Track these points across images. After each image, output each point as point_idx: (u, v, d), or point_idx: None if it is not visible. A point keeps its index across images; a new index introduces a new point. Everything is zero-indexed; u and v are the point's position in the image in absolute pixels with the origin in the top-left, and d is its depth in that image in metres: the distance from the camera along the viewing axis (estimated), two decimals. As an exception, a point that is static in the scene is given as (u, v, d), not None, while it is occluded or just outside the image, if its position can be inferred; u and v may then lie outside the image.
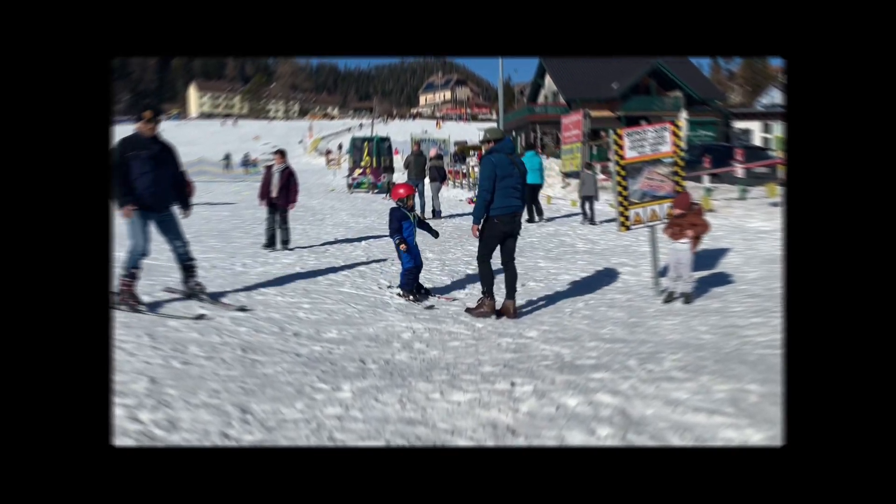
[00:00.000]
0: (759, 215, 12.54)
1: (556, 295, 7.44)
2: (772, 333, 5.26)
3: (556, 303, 7.01)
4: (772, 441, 2.96)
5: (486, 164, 6.22)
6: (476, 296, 7.36)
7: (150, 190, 5.94)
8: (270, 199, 10.68)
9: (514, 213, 6.28)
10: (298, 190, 10.96)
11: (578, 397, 3.58)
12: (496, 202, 6.18)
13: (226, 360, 4.61)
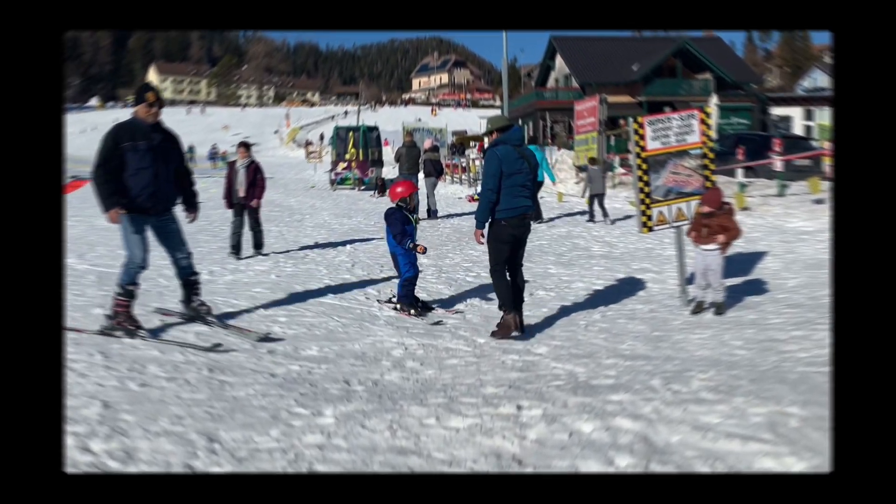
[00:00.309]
0: (801, 214, 12.58)
1: (569, 305, 7.45)
2: (815, 348, 5.28)
3: (569, 314, 7.02)
4: (816, 471, 2.96)
5: (491, 159, 6.07)
6: (479, 307, 7.37)
7: (150, 189, 5.61)
8: (237, 199, 10.63)
9: (523, 215, 6.13)
10: (265, 186, 10.98)
11: (594, 422, 3.58)
12: (503, 202, 6.01)
13: (190, 382, 4.60)
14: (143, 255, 5.71)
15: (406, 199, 7.15)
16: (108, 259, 10.21)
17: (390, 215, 7.13)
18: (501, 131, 6.20)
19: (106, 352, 5.24)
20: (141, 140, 5.55)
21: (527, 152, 6.23)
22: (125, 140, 5.49)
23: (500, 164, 6.00)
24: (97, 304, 6.95)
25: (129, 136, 5.52)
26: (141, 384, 4.51)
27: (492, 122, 6.37)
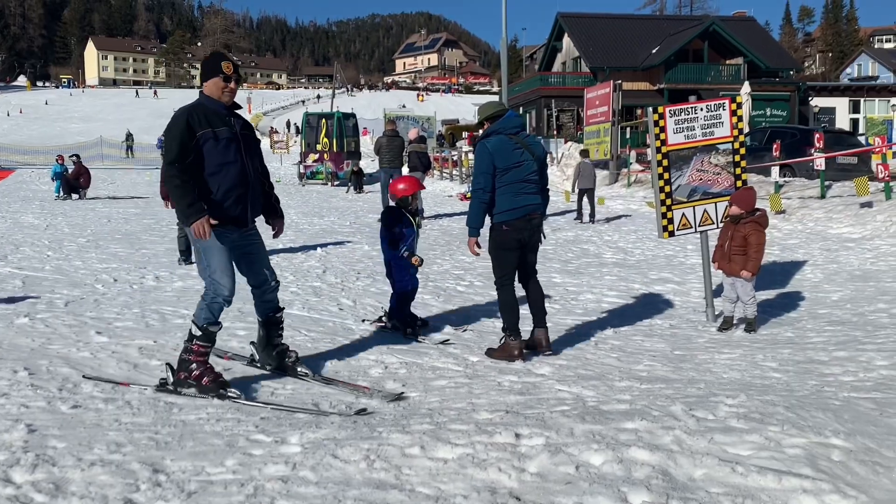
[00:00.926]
0: (845, 219, 12.69)
1: (577, 320, 7.46)
2: (861, 371, 5.33)
3: (577, 330, 7.03)
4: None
5: (481, 154, 5.89)
6: (476, 322, 7.36)
7: (238, 191, 4.89)
8: None
9: (528, 216, 5.94)
10: None
11: (605, 454, 3.58)
12: (501, 203, 5.86)
13: (131, 404, 4.57)
14: (232, 285, 4.94)
15: (407, 198, 6.89)
16: (35, 262, 10.16)
17: (387, 216, 6.99)
18: (493, 119, 6.02)
19: (32, 367, 5.20)
20: (220, 126, 4.82)
21: (528, 141, 6.06)
22: (201, 127, 4.75)
23: (493, 159, 5.82)
24: (22, 314, 6.92)
25: (204, 122, 4.77)
26: (73, 406, 4.47)
27: (481, 111, 6.17)
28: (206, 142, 4.76)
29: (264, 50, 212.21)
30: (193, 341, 4.87)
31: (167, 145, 4.81)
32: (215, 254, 4.89)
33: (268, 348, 5.43)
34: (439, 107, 75.27)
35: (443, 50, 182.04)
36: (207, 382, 4.77)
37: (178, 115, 4.85)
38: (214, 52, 5.17)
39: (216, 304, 4.92)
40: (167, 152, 4.78)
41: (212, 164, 4.79)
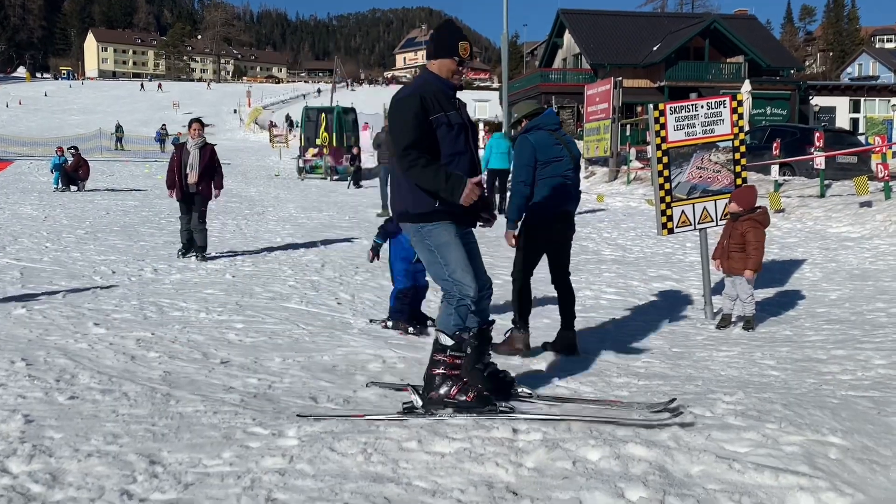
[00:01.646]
0: (845, 218, 12.70)
1: (576, 317, 7.44)
2: (860, 370, 5.33)
3: (575, 327, 7.01)
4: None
5: (523, 146, 5.92)
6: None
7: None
8: (186, 188, 10.03)
9: (562, 214, 5.97)
10: (223, 173, 10.47)
11: (602, 449, 3.58)
12: (539, 199, 5.87)
13: (128, 395, 4.57)
14: (476, 284, 4.30)
15: None
16: (33, 253, 10.16)
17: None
18: (531, 117, 6.06)
19: (29, 358, 5.20)
20: (451, 111, 4.36)
21: (567, 139, 6.11)
22: (434, 110, 4.28)
23: (535, 153, 5.85)
24: (20, 305, 6.92)
25: (437, 105, 4.30)
26: (70, 396, 4.47)
27: (519, 109, 6.18)
28: (439, 127, 4.29)
29: (264, 44, 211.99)
30: (447, 352, 4.27)
31: (398, 129, 4.28)
32: (453, 250, 4.30)
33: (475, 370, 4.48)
34: (439, 102, 75.01)
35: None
36: (471, 398, 4.19)
37: (406, 96, 4.31)
38: (450, 27, 4.55)
39: (463, 308, 4.29)
40: (401, 137, 4.23)
41: (444, 154, 4.29)
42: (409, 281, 6.73)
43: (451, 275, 4.29)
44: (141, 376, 5.02)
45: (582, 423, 3.97)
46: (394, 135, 4.31)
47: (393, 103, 4.36)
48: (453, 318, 4.29)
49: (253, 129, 64.39)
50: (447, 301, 4.34)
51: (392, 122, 4.35)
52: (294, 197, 20.38)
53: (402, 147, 4.21)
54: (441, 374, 4.26)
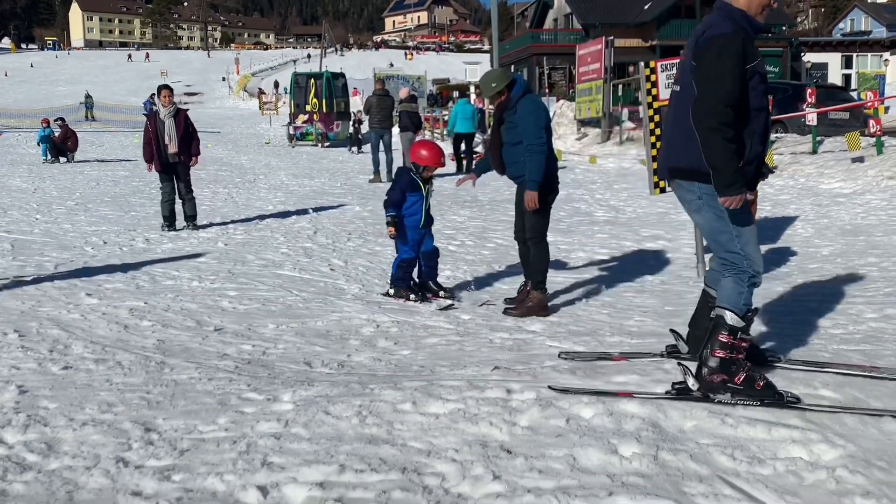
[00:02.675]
0: (837, 174, 12.69)
1: (568, 278, 7.47)
2: (851, 324, 5.36)
3: (568, 288, 7.04)
4: (850, 461, 3.00)
5: (537, 109, 5.98)
6: (461, 280, 7.37)
7: (760, 151, 3.81)
8: (167, 157, 9.81)
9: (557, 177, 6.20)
10: (200, 139, 10.25)
11: (596, 407, 3.60)
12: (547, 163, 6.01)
13: (122, 364, 4.57)
14: (761, 260, 3.93)
15: (422, 167, 6.53)
16: (24, 225, 10.11)
17: (397, 175, 6.76)
18: (512, 86, 6.05)
19: (22, 329, 5.19)
20: (759, 59, 3.75)
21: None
22: (751, 56, 3.67)
23: (546, 116, 6.02)
24: (12, 276, 6.90)
25: (753, 51, 3.69)
26: (64, 367, 4.48)
27: (497, 80, 6.06)
28: (752, 77, 3.67)
29: (251, 10, 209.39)
30: (738, 336, 3.80)
31: (714, 76, 3.62)
32: (748, 223, 3.84)
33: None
34: (430, 66, 74.57)
35: (433, 8, 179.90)
36: (760, 386, 3.71)
37: (729, 34, 3.64)
38: None
39: (754, 286, 3.87)
40: (718, 87, 3.59)
41: (751, 107, 3.72)
42: (413, 251, 6.60)
43: (742, 248, 3.83)
44: (134, 345, 5.02)
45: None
46: (706, 81, 3.63)
47: (710, 43, 3.66)
48: (745, 295, 3.84)
49: (242, 96, 63.89)
50: (737, 276, 3.85)
51: (707, 65, 3.64)
52: (285, 164, 20.28)
53: (718, 100, 3.58)
54: (725, 358, 3.78)
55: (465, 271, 7.72)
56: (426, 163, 6.51)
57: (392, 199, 6.49)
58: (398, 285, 6.64)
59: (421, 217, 6.54)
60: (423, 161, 6.52)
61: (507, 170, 6.16)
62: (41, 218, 10.76)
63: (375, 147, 16.03)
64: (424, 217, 6.56)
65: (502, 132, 6.11)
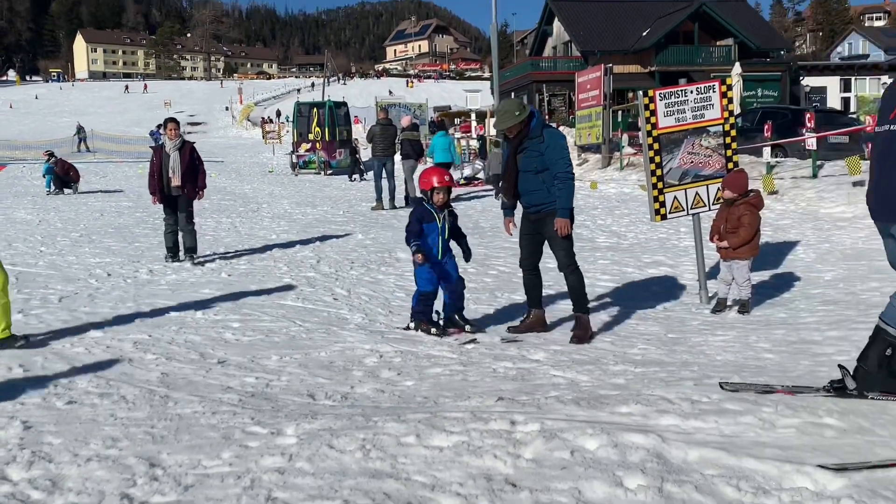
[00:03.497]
0: (837, 198, 12.70)
1: (571, 305, 7.45)
2: (854, 351, 5.33)
3: (571, 316, 7.02)
4: (856, 491, 2.98)
5: (563, 139, 6.21)
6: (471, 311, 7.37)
7: None
8: (170, 190, 9.77)
9: None
10: (206, 172, 10.23)
11: (600, 438, 3.58)
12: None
13: (127, 398, 4.56)
14: None
15: (429, 191, 6.43)
16: (28, 257, 10.14)
17: (413, 208, 6.67)
18: (531, 117, 6.18)
19: (27, 364, 5.19)
20: None
21: None
22: None
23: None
24: (16, 309, 6.90)
25: None
26: (69, 401, 4.47)
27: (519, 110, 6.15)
28: None
29: (254, 40, 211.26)
30: None
31: None
32: None
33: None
34: (431, 93, 75.01)
35: (433, 36, 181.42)
36: None
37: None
38: None
39: None
40: None
41: None
42: (431, 284, 6.44)
43: None
44: (139, 379, 5.02)
45: None
46: None
47: None
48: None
49: (245, 125, 64.24)
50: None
51: None
52: (288, 193, 20.35)
53: None
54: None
55: (468, 299, 7.71)
56: (429, 185, 6.43)
57: (410, 230, 6.42)
58: (418, 318, 6.51)
59: (438, 248, 6.43)
60: (426, 184, 6.45)
61: (523, 198, 6.24)
62: (46, 250, 10.79)
63: (378, 175, 16.11)
64: (442, 248, 6.45)
65: (519, 161, 6.17)
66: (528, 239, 6.40)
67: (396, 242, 10.79)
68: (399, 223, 13.46)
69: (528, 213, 6.33)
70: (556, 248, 6.21)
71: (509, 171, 6.29)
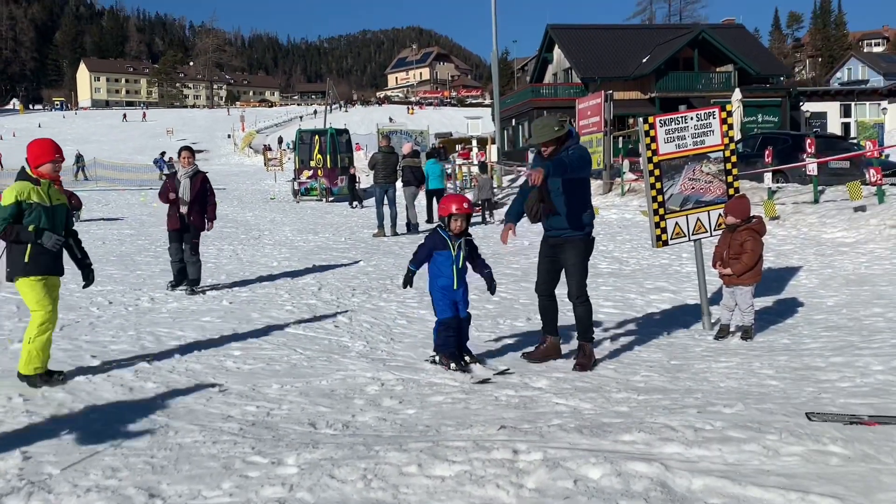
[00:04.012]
0: (839, 224, 12.70)
1: (572, 332, 7.43)
2: (858, 377, 5.33)
3: (573, 342, 7.00)
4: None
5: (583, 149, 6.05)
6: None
7: None
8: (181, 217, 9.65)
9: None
10: (216, 202, 10.12)
11: (604, 467, 3.56)
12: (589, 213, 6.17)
13: (127, 427, 4.55)
14: None
15: (447, 217, 6.10)
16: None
17: (427, 235, 6.33)
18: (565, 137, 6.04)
19: (26, 394, 5.18)
20: None
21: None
22: None
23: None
24: (17, 339, 6.91)
25: None
26: (68, 431, 4.46)
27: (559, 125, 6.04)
28: None
29: (256, 68, 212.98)
30: None
31: None
32: None
33: None
34: (432, 120, 75.44)
35: (434, 64, 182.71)
36: None
37: None
38: None
39: None
40: None
41: None
42: (450, 311, 6.11)
43: None
44: (139, 407, 5.00)
45: None
46: None
47: None
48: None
49: (248, 153, 64.53)
50: None
51: None
52: (290, 220, 20.39)
53: None
54: None
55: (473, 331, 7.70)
56: (447, 211, 6.08)
57: (416, 255, 6.23)
58: (441, 352, 6.17)
59: (452, 278, 6.07)
60: (444, 210, 6.12)
61: (546, 220, 6.14)
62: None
63: (380, 202, 16.15)
64: (457, 277, 6.10)
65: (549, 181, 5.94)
66: (546, 263, 6.32)
67: (398, 269, 10.79)
68: (400, 250, 13.47)
69: (548, 237, 6.25)
70: (570, 276, 6.16)
71: (543, 191, 6.03)
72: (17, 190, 5.48)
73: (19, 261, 5.49)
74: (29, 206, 5.48)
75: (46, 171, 5.63)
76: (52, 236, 5.53)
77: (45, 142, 5.76)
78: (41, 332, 5.52)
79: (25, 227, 5.46)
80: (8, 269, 5.55)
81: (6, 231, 5.42)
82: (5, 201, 5.43)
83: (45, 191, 5.59)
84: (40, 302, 5.56)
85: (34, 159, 5.62)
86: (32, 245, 5.48)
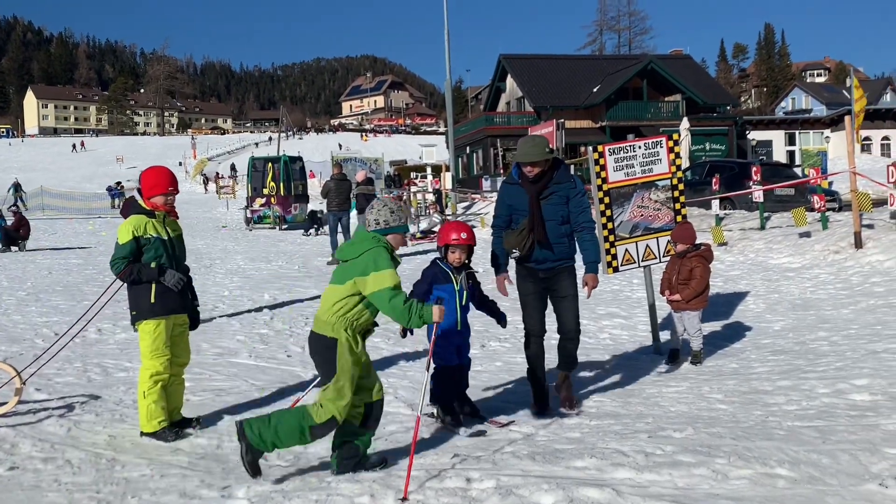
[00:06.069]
0: (785, 249, 13.00)
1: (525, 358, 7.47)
2: (805, 400, 5.43)
3: (525, 367, 7.03)
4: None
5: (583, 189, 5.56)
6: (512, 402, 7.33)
7: None
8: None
9: None
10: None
11: (556, 493, 3.58)
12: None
13: (72, 462, 4.45)
14: None
15: (444, 248, 5.34)
16: (-28, 318, 9.86)
17: (425, 268, 5.51)
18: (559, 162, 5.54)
19: (-33, 429, 5.03)
20: None
21: None
22: None
23: None
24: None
25: None
26: (10, 467, 4.34)
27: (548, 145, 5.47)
28: None
29: (209, 95, 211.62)
30: None
31: None
32: None
33: None
34: (387, 147, 75.54)
35: (389, 92, 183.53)
36: None
37: None
38: None
39: None
40: None
41: None
42: (455, 357, 5.39)
43: None
44: (85, 442, 4.89)
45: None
46: None
47: None
48: None
49: (199, 180, 63.88)
50: None
51: None
52: (242, 248, 20.19)
53: None
54: None
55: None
56: (445, 240, 5.32)
57: (412, 293, 5.24)
58: (444, 403, 5.38)
59: (455, 316, 5.28)
60: (442, 239, 5.37)
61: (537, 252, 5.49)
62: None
63: (333, 229, 16.11)
64: (461, 316, 5.35)
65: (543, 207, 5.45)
66: (535, 301, 5.63)
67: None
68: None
69: (538, 270, 5.57)
70: (567, 309, 5.57)
71: (536, 219, 5.43)
72: (133, 225, 5.04)
73: (145, 301, 5.03)
74: (147, 240, 5.05)
75: (160, 203, 5.19)
76: (175, 274, 5.11)
77: (161, 172, 5.27)
78: (153, 384, 5.06)
79: (147, 264, 5.02)
80: (133, 313, 5.08)
81: (126, 270, 4.99)
82: (122, 239, 4.99)
83: (160, 222, 5.18)
84: (156, 351, 5.09)
85: (148, 189, 5.15)
86: (156, 283, 5.05)
